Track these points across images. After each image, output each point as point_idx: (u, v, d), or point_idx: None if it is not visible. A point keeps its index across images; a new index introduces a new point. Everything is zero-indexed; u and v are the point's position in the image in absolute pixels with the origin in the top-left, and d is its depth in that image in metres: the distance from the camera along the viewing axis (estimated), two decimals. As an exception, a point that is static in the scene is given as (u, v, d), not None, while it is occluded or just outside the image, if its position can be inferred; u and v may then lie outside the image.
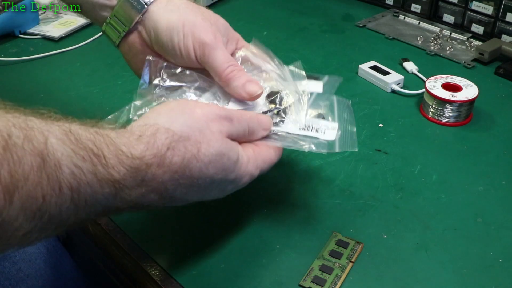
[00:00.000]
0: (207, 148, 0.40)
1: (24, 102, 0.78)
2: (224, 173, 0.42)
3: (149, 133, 0.38)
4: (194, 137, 0.40)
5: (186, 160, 0.39)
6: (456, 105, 0.67)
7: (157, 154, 0.38)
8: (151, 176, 0.38)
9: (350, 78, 0.79)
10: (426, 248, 0.50)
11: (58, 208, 0.33)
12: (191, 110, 0.41)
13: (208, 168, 0.40)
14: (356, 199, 0.56)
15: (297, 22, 0.97)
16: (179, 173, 0.39)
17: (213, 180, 0.41)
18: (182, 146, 0.39)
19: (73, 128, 0.35)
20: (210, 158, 0.40)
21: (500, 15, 0.86)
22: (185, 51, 0.48)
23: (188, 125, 0.40)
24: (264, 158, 0.46)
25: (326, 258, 0.49)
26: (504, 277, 0.47)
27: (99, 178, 0.35)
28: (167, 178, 0.38)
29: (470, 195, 0.57)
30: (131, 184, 0.37)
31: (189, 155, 0.39)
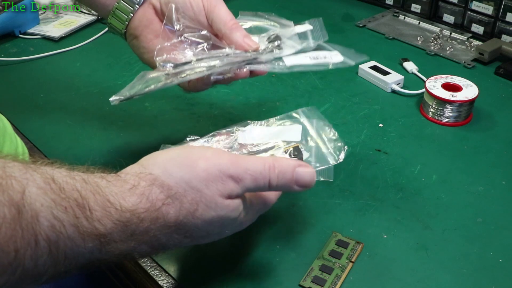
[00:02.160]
0: (205, 210, 0.38)
1: (24, 102, 0.79)
2: (221, 228, 0.40)
3: (143, 184, 0.36)
4: (192, 196, 0.37)
5: (181, 217, 0.37)
6: (456, 105, 0.67)
7: (150, 208, 0.35)
8: (143, 230, 0.35)
9: (350, 78, 0.79)
10: (426, 248, 0.50)
11: (33, 262, 0.31)
12: (193, 163, 0.38)
13: (204, 226, 0.38)
14: (356, 199, 0.56)
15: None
16: (173, 228, 0.37)
17: (208, 233, 0.39)
18: (178, 203, 0.37)
19: (57, 176, 0.33)
20: (208, 219, 0.38)
21: (500, 15, 0.86)
22: (196, 4, 0.52)
23: (186, 181, 0.37)
24: (264, 201, 0.44)
25: (326, 258, 0.49)
26: (504, 277, 0.47)
27: (82, 231, 0.33)
28: (160, 233, 0.36)
29: (470, 195, 0.57)
30: (119, 237, 0.35)
31: (184, 212, 0.37)
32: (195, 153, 0.39)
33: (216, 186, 0.38)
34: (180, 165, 0.38)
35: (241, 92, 0.75)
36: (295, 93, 0.75)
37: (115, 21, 0.55)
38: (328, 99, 0.74)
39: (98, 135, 0.66)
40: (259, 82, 0.78)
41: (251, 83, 0.77)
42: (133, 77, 0.80)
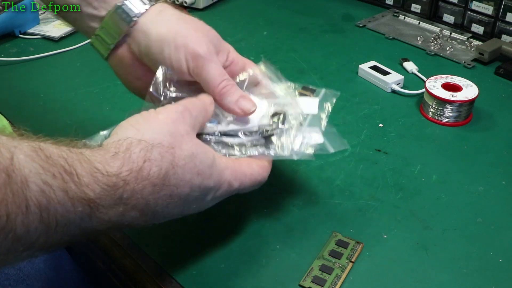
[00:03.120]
0: (180, 151, 0.39)
1: (24, 102, 0.79)
2: (200, 178, 0.41)
3: (123, 148, 0.37)
4: (167, 142, 0.39)
5: (164, 170, 0.38)
6: (456, 105, 0.67)
7: (134, 168, 0.36)
8: (130, 193, 0.36)
9: (350, 78, 0.79)
10: (426, 248, 0.50)
11: (25, 228, 0.31)
12: (155, 117, 0.41)
13: (184, 174, 0.39)
14: (356, 199, 0.56)
15: (297, 22, 0.97)
16: (158, 185, 0.38)
17: (191, 187, 0.40)
18: (158, 154, 0.38)
19: (44, 146, 0.34)
20: (184, 161, 0.39)
21: (500, 15, 0.86)
22: (176, 63, 0.46)
23: (158, 132, 0.39)
24: (244, 171, 0.45)
25: (326, 258, 0.49)
26: (504, 277, 0.47)
27: (71, 196, 0.33)
28: (146, 192, 0.37)
29: (470, 195, 0.57)
30: (108, 203, 0.35)
31: (166, 163, 0.38)
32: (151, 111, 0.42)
33: (181, 126, 0.41)
34: (147, 122, 0.41)
35: (241, 92, 0.75)
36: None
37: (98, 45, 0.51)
38: (328, 99, 0.74)
39: (98, 135, 0.66)
40: (259, 82, 0.78)
41: (251, 83, 0.77)
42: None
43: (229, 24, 0.96)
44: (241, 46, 0.88)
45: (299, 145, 0.47)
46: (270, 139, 0.47)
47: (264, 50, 0.87)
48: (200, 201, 0.43)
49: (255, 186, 0.46)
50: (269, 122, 0.48)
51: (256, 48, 0.87)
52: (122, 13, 0.48)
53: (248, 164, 0.45)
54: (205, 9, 1.02)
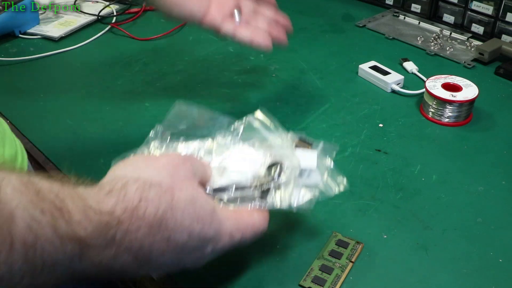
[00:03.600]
0: (180, 193, 0.37)
1: (24, 102, 0.79)
2: (200, 226, 0.38)
3: (119, 186, 0.35)
4: (166, 184, 0.37)
5: (161, 211, 0.36)
6: (456, 105, 0.67)
7: (128, 207, 0.34)
8: (123, 233, 0.34)
9: (350, 78, 0.79)
10: (426, 248, 0.50)
11: (8, 267, 0.29)
12: (156, 160, 0.40)
13: (183, 218, 0.37)
14: (356, 199, 0.56)
15: (297, 22, 0.97)
16: (154, 227, 0.35)
17: (190, 234, 0.38)
18: (155, 195, 0.36)
19: (34, 179, 0.32)
20: (184, 204, 0.37)
21: (500, 15, 0.86)
22: None
23: (157, 173, 0.38)
24: (246, 221, 0.43)
25: (326, 258, 0.49)
26: (504, 277, 0.47)
27: (60, 233, 0.31)
28: (142, 234, 0.35)
29: (470, 195, 0.57)
30: (100, 243, 0.33)
31: (163, 205, 0.36)
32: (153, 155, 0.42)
33: (182, 170, 0.40)
34: (147, 162, 0.40)
35: (241, 92, 0.75)
36: (295, 93, 0.75)
37: None
38: (328, 99, 0.74)
39: (98, 135, 0.66)
40: (259, 82, 0.78)
41: (251, 83, 0.77)
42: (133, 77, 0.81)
43: (229, 24, 0.96)
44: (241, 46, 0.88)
45: (297, 198, 0.45)
46: (267, 192, 0.45)
47: (264, 50, 0.87)
48: (199, 252, 0.39)
49: (256, 237, 0.44)
50: (265, 174, 0.46)
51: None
52: None
53: (250, 214, 0.43)
54: (205, 9, 1.02)
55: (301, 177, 0.46)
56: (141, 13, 0.99)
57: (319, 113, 0.71)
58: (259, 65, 0.82)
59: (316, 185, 0.46)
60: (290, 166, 0.46)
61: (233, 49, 0.87)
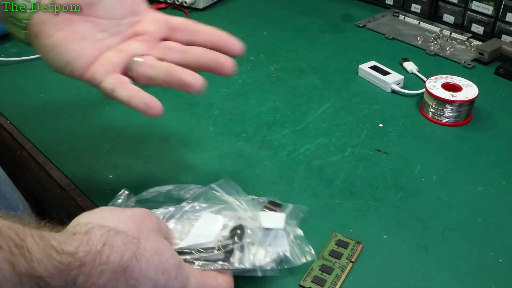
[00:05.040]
0: (146, 244, 0.37)
1: (24, 102, 0.79)
2: (166, 278, 0.37)
3: (83, 230, 0.35)
4: (131, 232, 0.37)
5: (125, 258, 0.35)
6: (456, 105, 0.67)
7: (92, 250, 0.33)
8: (85, 277, 0.33)
9: (350, 78, 0.79)
10: (426, 248, 0.50)
11: None
12: (122, 211, 0.40)
13: (148, 268, 0.36)
14: (356, 199, 0.56)
15: (297, 22, 0.97)
16: (118, 273, 0.34)
17: (155, 286, 0.37)
18: (120, 242, 0.35)
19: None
20: (149, 254, 0.37)
21: (500, 15, 0.86)
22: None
23: (123, 222, 0.37)
24: (210, 283, 0.42)
25: (326, 258, 0.49)
26: (504, 277, 0.47)
27: (18, 271, 0.30)
28: (105, 279, 0.34)
29: (470, 195, 0.57)
30: (60, 284, 0.32)
31: (128, 253, 0.35)
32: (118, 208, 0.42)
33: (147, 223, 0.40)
34: (113, 213, 0.39)
35: (241, 92, 0.75)
36: (295, 93, 0.75)
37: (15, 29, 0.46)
38: (328, 99, 0.74)
39: (98, 135, 0.66)
40: (259, 82, 0.78)
41: (251, 83, 0.77)
42: (133, 77, 0.79)
43: (229, 24, 0.96)
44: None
45: (261, 259, 0.45)
46: (230, 253, 0.45)
47: (264, 50, 0.87)
48: None
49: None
50: (228, 237, 0.46)
51: (256, 48, 0.87)
52: None
53: (214, 277, 0.43)
54: (205, 9, 1.02)
55: (267, 238, 0.47)
56: (141, 13, 0.99)
57: (319, 113, 0.71)
58: (259, 65, 0.82)
59: (282, 248, 0.46)
60: (253, 227, 0.46)
61: (233, 49, 0.87)
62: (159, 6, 1.03)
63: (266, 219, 0.48)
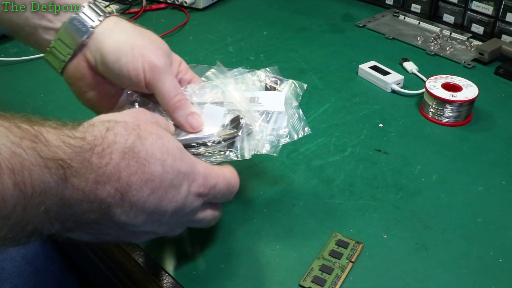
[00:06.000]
0: (146, 129, 0.39)
1: (24, 102, 0.79)
2: (171, 158, 0.39)
3: (86, 124, 0.37)
4: (131, 122, 0.39)
5: (130, 141, 0.37)
6: (456, 105, 0.67)
7: (98, 135, 0.36)
8: (99, 157, 0.35)
9: (350, 78, 0.79)
10: (426, 248, 0.50)
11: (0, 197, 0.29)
12: (119, 113, 0.42)
13: (153, 149, 0.38)
14: (356, 199, 0.56)
15: (297, 22, 0.97)
16: (127, 153, 0.37)
17: (163, 165, 0.38)
18: (122, 128, 0.38)
19: (4, 114, 0.34)
20: (152, 138, 0.39)
21: (500, 15, 0.86)
22: (134, 72, 0.47)
23: (121, 116, 0.40)
24: (217, 172, 0.44)
25: (326, 258, 0.49)
26: (504, 277, 0.47)
27: (43, 156, 0.32)
28: (116, 160, 0.36)
29: (470, 195, 0.57)
30: (80, 166, 0.34)
31: (132, 137, 0.38)
32: None
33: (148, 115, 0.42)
34: (109, 114, 0.41)
35: (241, 92, 0.75)
36: (295, 93, 0.75)
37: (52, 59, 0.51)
38: (328, 99, 0.74)
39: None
40: (259, 82, 0.78)
41: (251, 83, 0.77)
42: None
43: (229, 24, 0.96)
44: (241, 46, 0.88)
45: (261, 149, 0.47)
46: (231, 145, 0.47)
47: (264, 50, 0.87)
48: (175, 191, 0.40)
49: (230, 190, 0.45)
50: (228, 127, 0.48)
51: (256, 48, 0.87)
52: (78, 23, 0.48)
53: (219, 168, 0.45)
54: (205, 9, 1.02)
55: (267, 124, 0.49)
56: (141, 13, 0.99)
57: (319, 113, 0.71)
58: (259, 65, 0.82)
59: (281, 131, 0.49)
60: (249, 119, 0.48)
61: (233, 49, 0.87)
62: (159, 6, 1.03)
63: (265, 101, 0.49)
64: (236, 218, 0.53)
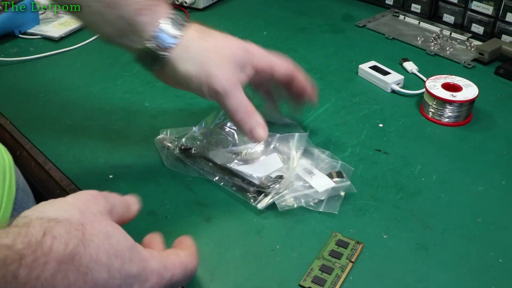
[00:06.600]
0: (92, 229, 0.35)
1: (24, 102, 0.79)
2: (120, 261, 0.35)
3: (21, 223, 0.33)
4: (75, 219, 0.35)
5: (71, 247, 0.33)
6: (456, 105, 0.67)
7: (32, 241, 0.31)
8: (27, 270, 0.30)
9: (350, 78, 0.79)
10: (426, 248, 0.50)
11: None
12: (62, 200, 0.37)
13: (99, 253, 0.34)
14: (356, 199, 0.56)
15: (297, 22, 0.97)
16: (65, 263, 0.32)
17: (109, 271, 0.35)
18: (63, 230, 0.33)
19: None
20: (98, 239, 0.35)
21: (500, 15, 0.86)
22: (201, 95, 0.53)
23: (64, 210, 0.35)
24: (173, 260, 0.40)
25: (326, 258, 0.49)
26: (504, 277, 0.47)
27: None
28: (50, 272, 0.31)
29: (470, 195, 0.57)
30: (1, 281, 0.30)
31: (74, 240, 0.33)
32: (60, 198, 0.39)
33: (93, 206, 0.38)
34: (51, 203, 0.37)
35: (241, 92, 0.75)
36: (295, 93, 0.75)
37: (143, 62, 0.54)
38: (328, 99, 0.74)
39: (98, 135, 0.66)
40: (259, 82, 0.78)
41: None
42: (133, 77, 0.81)
43: (229, 24, 0.96)
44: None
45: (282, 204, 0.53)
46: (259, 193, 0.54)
47: (264, 50, 0.87)
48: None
49: (187, 276, 0.42)
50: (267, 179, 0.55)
51: (256, 48, 0.87)
52: (155, 47, 0.52)
53: (175, 253, 0.42)
54: (205, 9, 1.02)
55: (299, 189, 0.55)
56: (141, 13, 0.99)
57: (319, 113, 0.71)
58: (259, 65, 0.82)
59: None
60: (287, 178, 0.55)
61: (233, 49, 0.87)
62: (159, 6, 1.03)
63: (315, 178, 0.55)
64: (236, 218, 0.53)
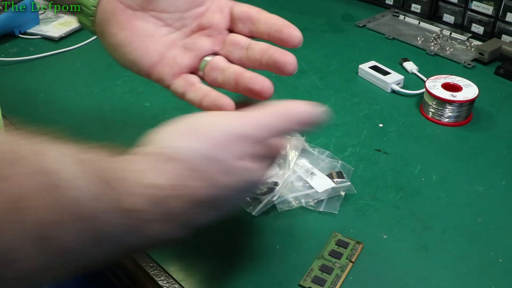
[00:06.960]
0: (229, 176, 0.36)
1: (24, 102, 0.79)
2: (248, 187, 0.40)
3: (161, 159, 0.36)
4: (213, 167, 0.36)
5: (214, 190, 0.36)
6: (456, 105, 0.67)
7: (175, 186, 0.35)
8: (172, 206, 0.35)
9: (350, 78, 0.79)
10: (426, 248, 0.50)
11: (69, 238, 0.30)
12: (210, 130, 0.37)
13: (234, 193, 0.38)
14: (356, 199, 0.56)
15: (297, 22, 0.96)
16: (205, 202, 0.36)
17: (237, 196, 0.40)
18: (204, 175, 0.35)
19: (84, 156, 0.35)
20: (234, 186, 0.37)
21: (500, 15, 0.86)
22: None
23: (204, 154, 0.36)
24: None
25: (326, 258, 0.49)
26: (504, 277, 0.47)
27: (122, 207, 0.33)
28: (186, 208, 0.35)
29: (470, 195, 0.57)
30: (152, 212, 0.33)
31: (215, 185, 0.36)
32: (211, 119, 0.39)
33: (235, 149, 0.36)
34: (197, 135, 0.37)
35: (241, 92, 0.75)
36: (295, 93, 0.75)
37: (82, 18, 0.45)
38: (328, 99, 0.74)
39: (98, 135, 0.66)
40: (259, 82, 0.78)
41: (251, 83, 0.77)
42: (133, 77, 0.81)
43: (229, 24, 0.96)
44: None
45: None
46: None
47: (264, 50, 0.87)
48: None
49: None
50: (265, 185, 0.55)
51: (256, 48, 0.87)
52: None
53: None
54: (205, 9, 1.02)
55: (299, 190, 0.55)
56: (141, 13, 0.99)
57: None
58: (259, 65, 0.82)
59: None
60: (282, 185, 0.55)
61: (233, 49, 0.87)
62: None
63: (316, 178, 0.56)
64: (236, 218, 0.53)
